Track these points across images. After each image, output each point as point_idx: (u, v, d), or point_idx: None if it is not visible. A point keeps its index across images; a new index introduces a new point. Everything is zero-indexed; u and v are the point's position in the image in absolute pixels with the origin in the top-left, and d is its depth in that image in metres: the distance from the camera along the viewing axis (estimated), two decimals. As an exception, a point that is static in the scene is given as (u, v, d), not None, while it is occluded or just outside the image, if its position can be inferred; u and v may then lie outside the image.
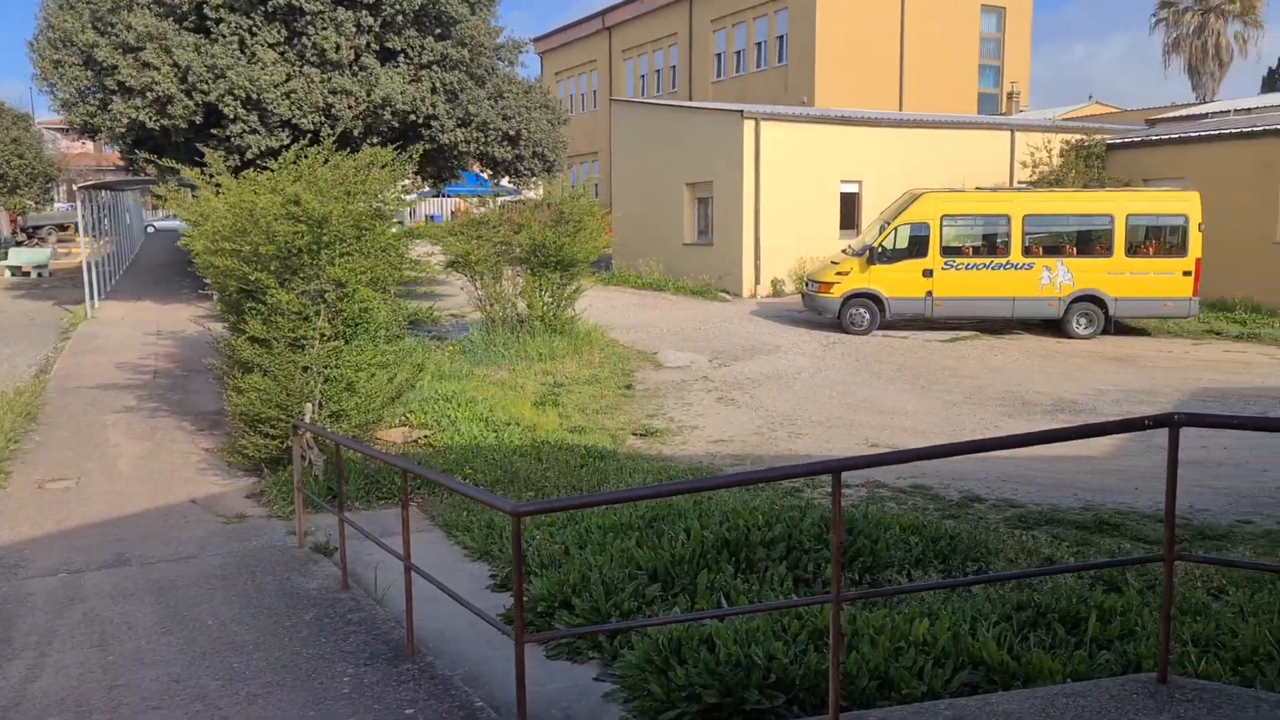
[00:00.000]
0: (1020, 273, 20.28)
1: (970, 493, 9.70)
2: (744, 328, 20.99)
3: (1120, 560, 5.99)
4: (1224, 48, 49.89)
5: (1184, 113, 33.60)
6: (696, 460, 11.09)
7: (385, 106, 18.55)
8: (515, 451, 10.77)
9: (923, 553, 7.36)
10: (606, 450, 11.09)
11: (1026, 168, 28.15)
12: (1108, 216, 20.38)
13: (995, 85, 40.68)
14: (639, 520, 7.69)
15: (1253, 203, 23.37)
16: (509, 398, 13.74)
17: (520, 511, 4.04)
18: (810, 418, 13.35)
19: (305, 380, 9.70)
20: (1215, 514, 8.99)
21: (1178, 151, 25.75)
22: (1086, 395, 14.94)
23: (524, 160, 21.60)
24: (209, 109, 18.34)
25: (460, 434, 11.66)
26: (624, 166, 32.80)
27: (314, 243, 9.39)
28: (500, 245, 17.31)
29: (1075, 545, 7.89)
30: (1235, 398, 14.60)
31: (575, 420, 12.97)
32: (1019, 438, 3.93)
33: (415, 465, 5.21)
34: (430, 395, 13.28)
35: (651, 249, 29.78)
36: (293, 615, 6.38)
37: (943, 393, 15.17)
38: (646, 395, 14.86)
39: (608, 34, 49.78)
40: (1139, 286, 20.23)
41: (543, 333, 17.04)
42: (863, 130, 27.21)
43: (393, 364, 10.93)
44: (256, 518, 9.16)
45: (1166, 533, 3.84)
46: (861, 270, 20.49)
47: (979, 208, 20.92)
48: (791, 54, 37.89)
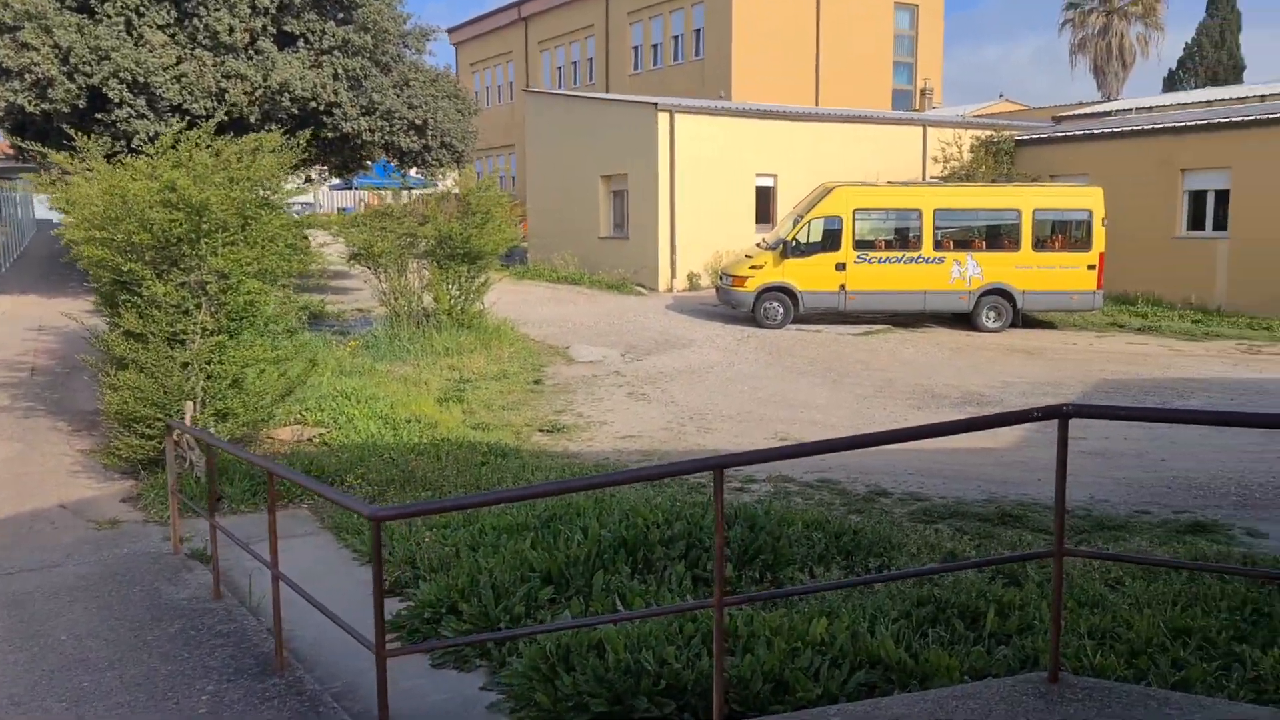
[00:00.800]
0: (931, 266, 20.45)
1: (877, 486, 9.61)
2: (658, 322, 20.79)
3: (1011, 557, 5.90)
4: (1127, 49, 51.24)
5: (1089, 111, 34.42)
6: (602, 457, 10.82)
7: (283, 92, 17.87)
8: (413, 450, 10.37)
9: (826, 549, 7.21)
10: (509, 448, 10.76)
11: (938, 163, 28.50)
12: (1015, 211, 20.66)
13: (909, 82, 41.22)
14: (535, 520, 7.40)
15: (1153, 199, 23.96)
16: (412, 394, 13.31)
17: (379, 516, 3.72)
18: (721, 412, 13.18)
19: (185, 377, 9.17)
20: (1115, 504, 9.03)
21: (1082, 148, 26.31)
22: (994, 388, 15.06)
23: (432, 150, 21.06)
24: (93, 93, 17.44)
25: (357, 432, 11.21)
26: (539, 159, 32.38)
27: (192, 231, 8.88)
28: (405, 237, 16.81)
29: (978, 538, 7.82)
30: (1135, 389, 14.85)
31: (480, 417, 12.60)
32: (906, 431, 3.74)
33: (281, 467, 4.85)
34: (329, 392, 12.79)
35: (567, 243, 29.44)
36: (157, 628, 5.94)
37: (854, 386, 15.15)
38: (556, 391, 14.54)
39: (524, 25, 49.23)
40: (1046, 280, 20.55)
41: (449, 327, 16.60)
42: (778, 124, 27.23)
43: (285, 359, 10.45)
44: (131, 523, 8.63)
45: (1057, 527, 3.69)
46: (775, 264, 20.44)
47: (891, 202, 21.04)
48: (708, 48, 37.87)
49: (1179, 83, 53.61)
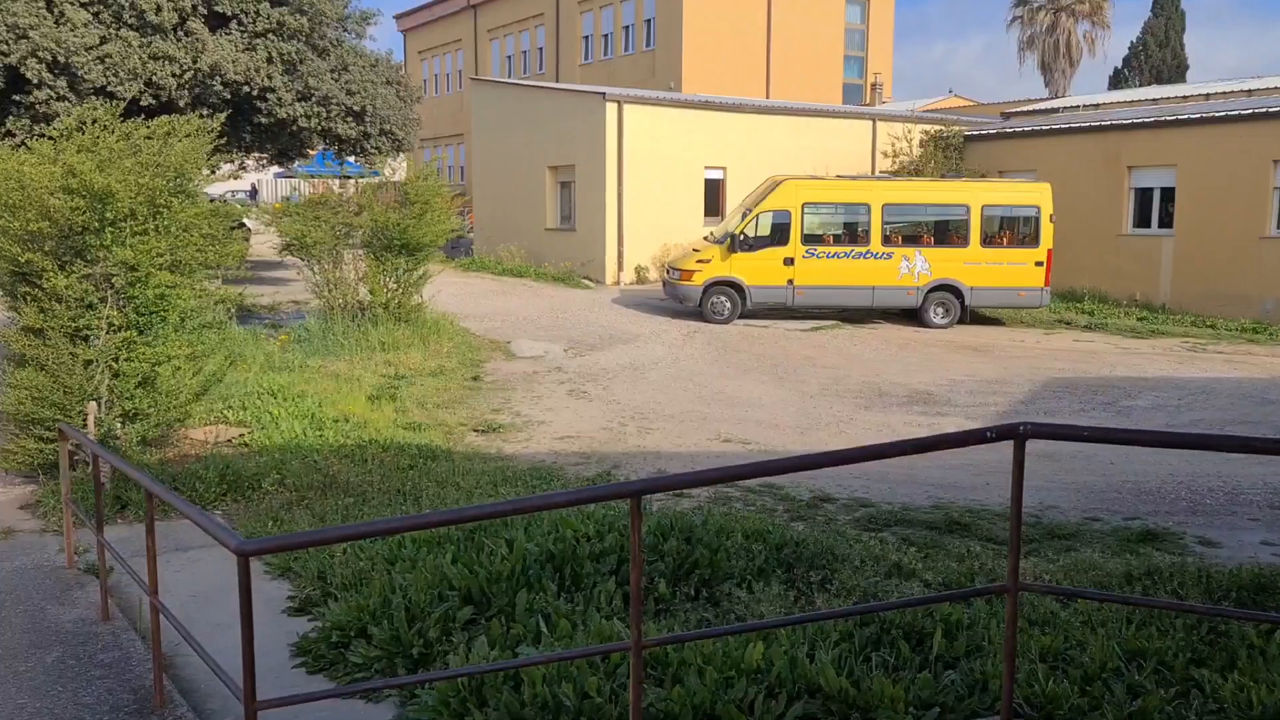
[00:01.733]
0: (880, 262, 20.24)
1: (821, 492, 9.28)
2: (604, 316, 20.36)
3: (963, 593, 5.57)
4: (1074, 46, 51.70)
5: (1037, 107, 34.54)
6: (538, 459, 10.38)
7: (214, 76, 17.13)
8: (338, 452, 9.85)
9: (766, 561, 6.84)
10: (440, 450, 10.27)
11: (888, 157, 28.35)
12: (964, 207, 20.52)
13: (860, 76, 41.14)
14: (459, 531, 6.94)
15: (1100, 195, 24.00)
16: (342, 391, 12.75)
17: (246, 551, 3.27)
18: (663, 411, 12.80)
19: (88, 376, 8.57)
20: (1065, 510, 8.78)
21: (1030, 144, 26.30)
22: (941, 385, 14.85)
23: (371, 138, 20.39)
24: (11, 73, 16.57)
25: (280, 432, 10.65)
26: (485, 148, 31.76)
27: (95, 220, 8.28)
28: (341, 227, 16.18)
29: (924, 549, 7.51)
30: (1084, 388, 14.72)
31: (413, 416, 12.09)
32: (849, 453, 3.37)
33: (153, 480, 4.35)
34: (254, 389, 12.21)
35: (514, 234, 28.88)
36: (32, 657, 5.41)
37: (800, 383, 14.85)
38: (494, 388, 14.06)
39: (473, 12, 48.48)
40: (994, 276, 20.44)
41: (386, 321, 16.01)
42: (727, 116, 26.89)
43: (201, 355, 9.87)
44: (27, 532, 8.03)
45: (1011, 561, 3.33)
46: (723, 258, 20.10)
47: (840, 196, 20.80)
48: (659, 38, 37.48)
49: (1124, 81, 54.25)
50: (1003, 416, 12.91)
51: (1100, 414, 13.05)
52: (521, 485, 9.04)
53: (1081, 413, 13.08)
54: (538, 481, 9.23)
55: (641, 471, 9.91)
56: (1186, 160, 22.61)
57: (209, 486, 8.73)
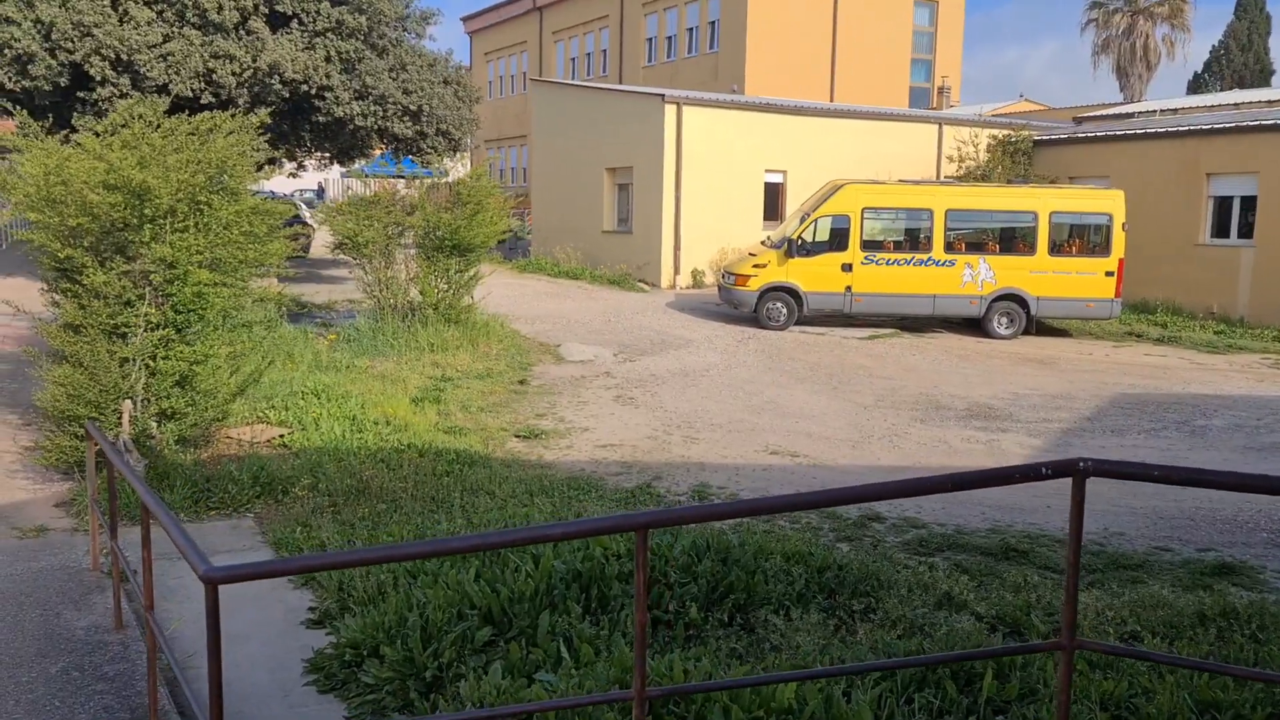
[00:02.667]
0: (942, 269, 19.64)
1: (870, 510, 8.86)
2: (657, 320, 20.05)
3: (1012, 649, 5.14)
4: (1152, 50, 50.23)
5: (1111, 112, 33.47)
6: (578, 468, 10.10)
7: (274, 74, 17.16)
8: (375, 456, 9.66)
9: (806, 586, 6.47)
10: (478, 455, 10.03)
11: (953, 162, 27.64)
12: (1031, 214, 19.82)
13: (927, 79, 40.31)
14: (485, 545, 6.68)
15: (1176, 203, 23.08)
16: (387, 393, 12.59)
17: (214, 578, 3.00)
18: (711, 420, 12.43)
19: (124, 374, 8.48)
20: (1132, 539, 8.25)
21: (1103, 150, 25.41)
22: (1003, 399, 14.27)
23: (427, 138, 20.31)
24: (76, 70, 16.78)
25: (320, 434, 10.51)
26: (545, 149, 31.66)
27: (134, 216, 8.18)
28: (393, 227, 16.09)
29: (978, 577, 7.07)
30: (1154, 405, 14.03)
31: (455, 420, 11.89)
32: (887, 487, 3.01)
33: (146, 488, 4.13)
34: (299, 389, 12.11)
35: (570, 236, 28.72)
36: (37, 666, 5.24)
37: (854, 394, 14.38)
38: (540, 392, 13.82)
39: (539, 14, 48.56)
40: (1061, 286, 19.72)
41: (435, 322, 15.87)
42: (788, 119, 26.42)
43: (240, 355, 9.77)
44: (59, 531, 7.95)
45: (1066, 615, 2.95)
46: (779, 263, 19.67)
47: (901, 201, 20.23)
48: (723, 41, 37.09)
49: (1204, 86, 52.50)
50: (1066, 434, 12.33)
51: (1172, 434, 12.39)
52: (558, 495, 8.77)
53: (1152, 432, 12.44)
54: (574, 492, 8.95)
55: (682, 483, 9.57)
56: (1270, 168, 21.61)
57: (242, 488, 8.60)
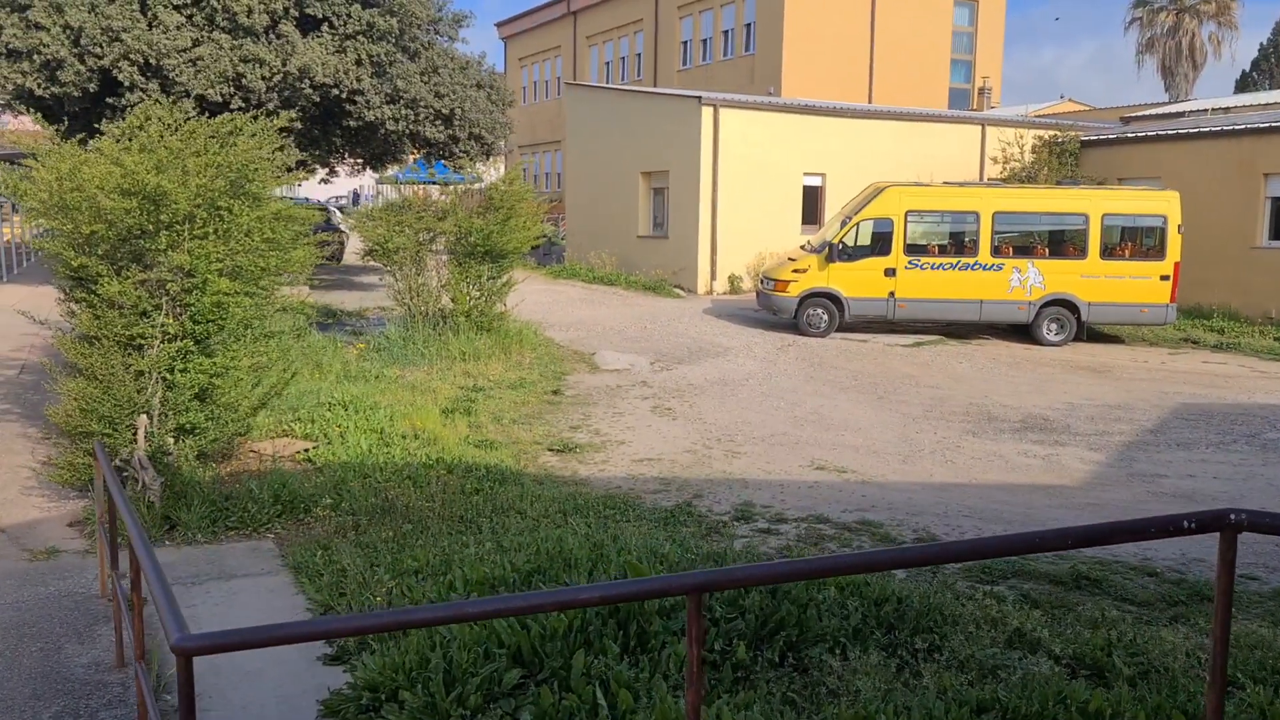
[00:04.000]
0: (988, 274, 18.99)
1: (926, 532, 8.30)
2: (694, 327, 19.55)
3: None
4: (1198, 49, 49.11)
5: (1160, 111, 32.55)
6: (614, 484, 9.62)
7: (304, 78, 16.88)
8: (401, 472, 9.24)
9: (863, 621, 5.94)
10: (510, 472, 9.58)
11: (997, 164, 26.92)
12: (1082, 216, 19.12)
13: (967, 80, 39.51)
14: (514, 574, 6.23)
15: (1231, 205, 22.25)
16: (417, 404, 12.19)
17: (187, 649, 2.55)
18: (753, 433, 11.91)
19: (139, 387, 8.11)
20: (1212, 564, 7.62)
21: (1154, 150, 24.59)
22: (1057, 410, 13.63)
23: (459, 142, 19.96)
24: (104, 75, 16.59)
25: (346, 448, 10.11)
26: (579, 153, 31.28)
27: (149, 222, 7.82)
28: (424, 233, 15.73)
29: (1049, 609, 6.51)
30: (1219, 415, 13.33)
31: (486, 432, 11.46)
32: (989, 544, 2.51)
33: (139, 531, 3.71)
34: (326, 400, 11.74)
35: (605, 241, 28.29)
36: (29, 710, 4.84)
37: (901, 404, 13.79)
38: (575, 402, 13.37)
39: (573, 19, 48.29)
40: (1114, 291, 18.99)
41: (467, 330, 15.48)
42: (827, 121, 25.85)
43: (264, 366, 9.39)
44: (71, 553, 7.58)
45: (1211, 702, 2.42)
46: (820, 268, 19.11)
47: (946, 204, 19.61)
48: (759, 43, 36.54)
49: (1252, 85, 51.20)
50: (1130, 448, 11.67)
51: (1243, 448, 11.71)
52: (593, 514, 8.30)
53: (1220, 445, 11.76)
54: (611, 511, 8.48)
55: (724, 502, 9.07)
56: (1332, 167, 20.77)
57: (262, 507, 8.21)
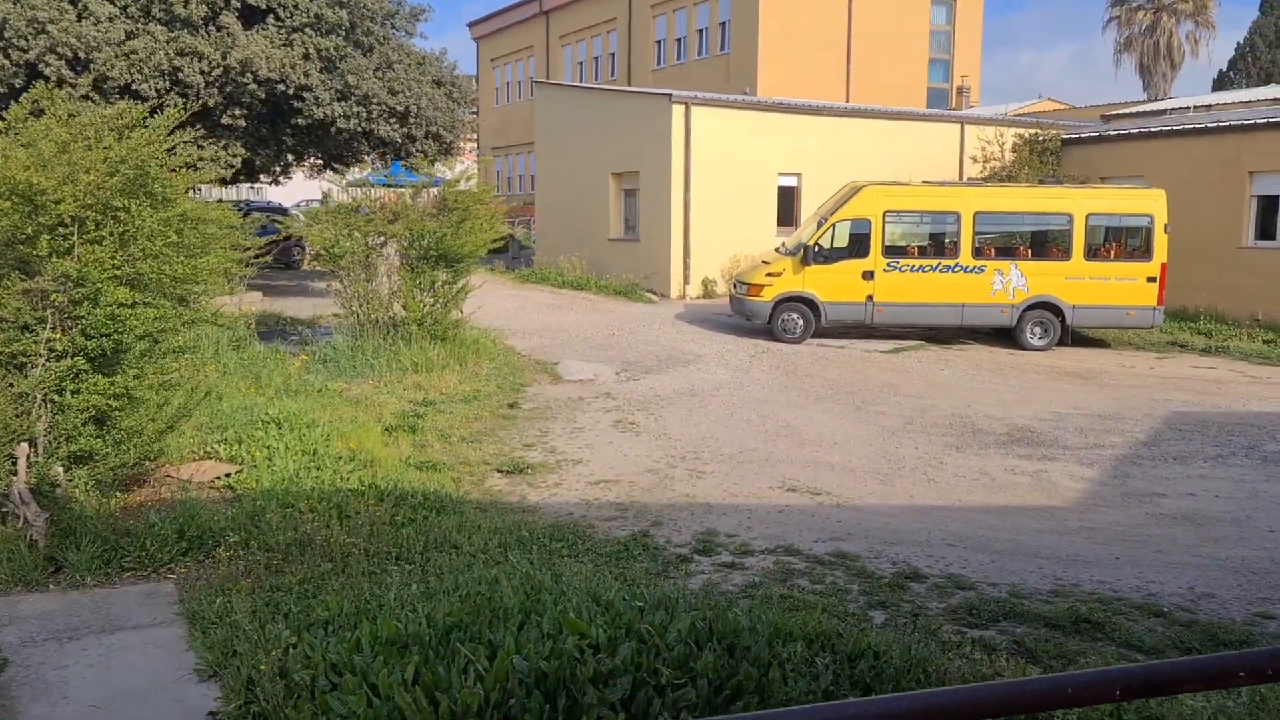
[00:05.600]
0: (970, 276, 18.24)
1: (907, 564, 7.48)
2: (665, 333, 18.71)
3: None
4: (1175, 48, 48.80)
5: (1141, 109, 32.00)
6: (565, 511, 8.76)
7: (246, 72, 15.93)
8: (328, 500, 8.35)
9: (835, 681, 5.13)
10: (449, 498, 8.70)
11: (977, 163, 26.23)
12: (1066, 216, 18.39)
13: (945, 80, 38.92)
14: (430, 632, 5.36)
15: (1216, 204, 21.61)
16: (359, 420, 11.29)
17: None
18: (721, 449, 11.08)
19: (21, 411, 7.20)
20: (1224, 601, 6.85)
21: (1136, 148, 23.95)
22: (1044, 420, 12.87)
23: (416, 141, 19.03)
24: (31, 71, 15.60)
25: (273, 472, 9.21)
26: (549, 154, 30.41)
27: (27, 225, 6.92)
28: (373, 236, 14.83)
29: (1047, 659, 5.70)
30: (1214, 425, 12.60)
31: (431, 451, 10.58)
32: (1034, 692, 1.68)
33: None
34: (260, 417, 10.82)
35: (576, 244, 27.41)
36: None
37: (879, 416, 13.00)
38: (532, 417, 12.50)
39: (545, 19, 47.52)
40: (1099, 293, 18.28)
41: (420, 339, 14.58)
42: (802, 119, 25.09)
43: (176, 385, 8.50)
44: (-63, 601, 6.67)
45: None
46: (795, 271, 18.31)
47: (926, 203, 18.85)
48: (734, 42, 35.84)
49: (1229, 84, 50.93)
50: (1123, 463, 10.91)
51: (1242, 461, 10.97)
52: (537, 549, 7.43)
53: (1218, 459, 11.01)
54: (558, 544, 7.62)
55: (685, 530, 8.22)
56: (1320, 165, 20.16)
57: (164, 544, 7.29)
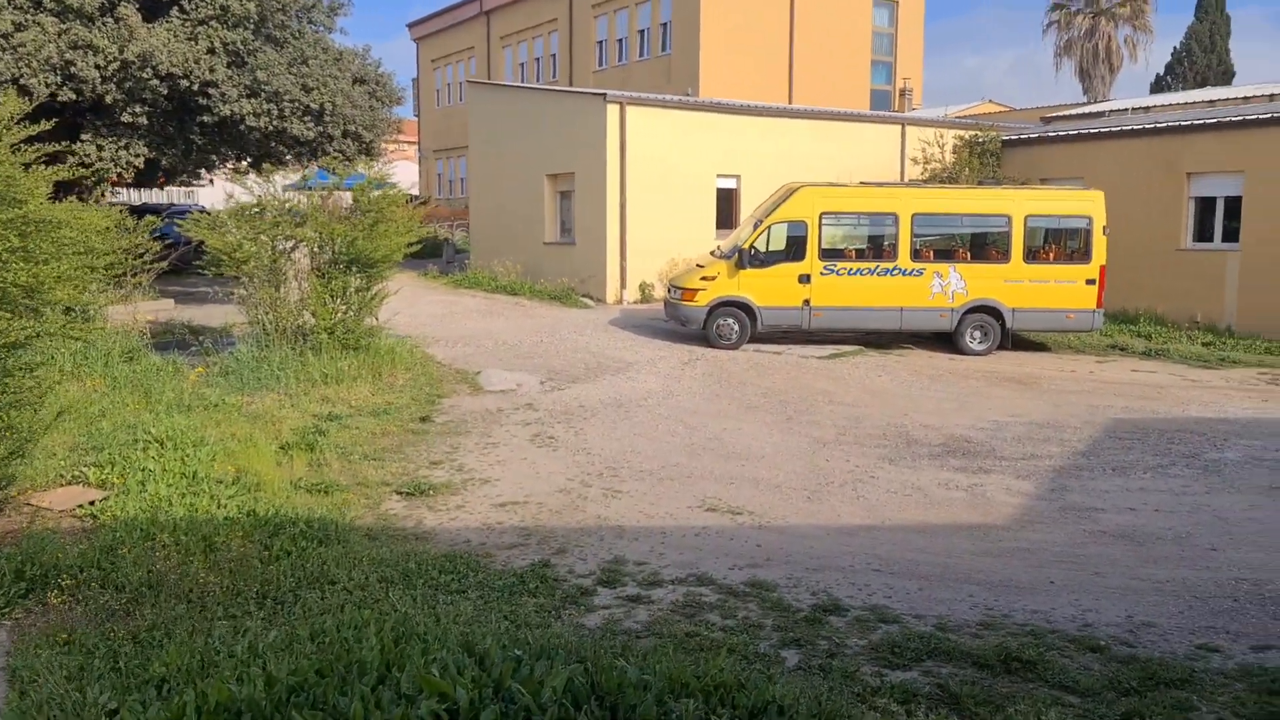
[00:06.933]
0: (909, 279, 17.80)
1: (827, 595, 6.88)
2: (597, 340, 18.05)
3: None
4: (1114, 51, 49.17)
5: (1081, 110, 31.98)
6: (463, 538, 8.04)
7: (146, 66, 15.00)
8: (197, 531, 7.55)
9: (732, 745, 4.49)
10: (336, 526, 7.93)
11: (918, 164, 25.92)
12: (1005, 217, 18.04)
13: (888, 82, 38.76)
14: (267, 698, 4.62)
15: (1155, 205, 21.47)
16: (254, 438, 10.46)
17: None
18: (641, 465, 10.43)
19: None
20: (1166, 631, 6.33)
21: (1076, 149, 23.77)
22: (982, 430, 12.40)
23: (333, 140, 18.17)
24: (-92, 65, 14.57)
25: (145, 498, 8.40)
26: (483, 156, 29.62)
27: None
28: (281, 240, 13.98)
29: (974, 708, 5.11)
30: (1155, 433, 12.21)
31: (329, 471, 9.80)
32: None
33: None
34: (143, 436, 9.97)
35: (511, 248, 26.66)
36: None
37: (812, 425, 12.44)
38: (444, 431, 11.76)
39: (486, 19, 46.72)
40: (1039, 296, 17.94)
41: (331, 349, 13.77)
42: (741, 120, 24.57)
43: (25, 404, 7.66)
44: None
45: None
46: (730, 275, 17.74)
47: (863, 205, 18.39)
48: (675, 43, 35.31)
49: (1166, 88, 51.56)
50: (1061, 474, 10.44)
51: (1182, 471, 10.55)
52: (422, 584, 6.72)
53: (1159, 470, 10.58)
54: (447, 577, 6.91)
55: (590, 558, 7.55)
56: (1256, 166, 20.01)
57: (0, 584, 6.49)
